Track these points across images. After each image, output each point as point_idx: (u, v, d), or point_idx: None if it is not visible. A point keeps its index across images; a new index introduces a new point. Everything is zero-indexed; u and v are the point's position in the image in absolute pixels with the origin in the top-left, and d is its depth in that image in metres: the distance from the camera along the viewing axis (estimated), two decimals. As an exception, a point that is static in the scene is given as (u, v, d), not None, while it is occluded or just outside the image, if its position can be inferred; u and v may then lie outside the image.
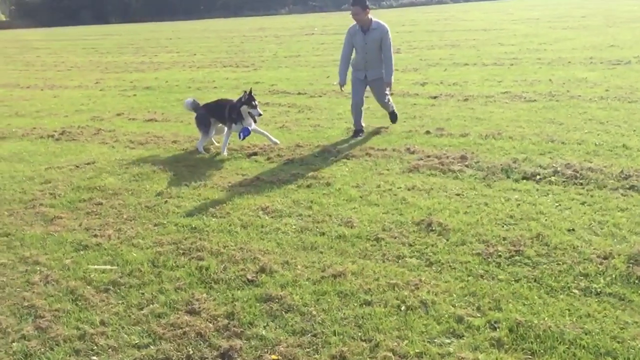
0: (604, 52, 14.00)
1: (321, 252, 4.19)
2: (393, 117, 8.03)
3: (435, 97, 9.86)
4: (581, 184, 5.26)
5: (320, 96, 10.80)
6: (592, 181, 5.28)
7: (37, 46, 30.52)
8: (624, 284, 3.51)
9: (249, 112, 6.92)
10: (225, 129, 7.17)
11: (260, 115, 7.01)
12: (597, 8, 32.59)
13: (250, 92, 6.93)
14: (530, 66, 12.70)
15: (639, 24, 20.92)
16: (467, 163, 6.06)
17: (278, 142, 7.18)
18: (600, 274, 3.64)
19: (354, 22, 7.19)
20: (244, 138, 7.04)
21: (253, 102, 6.89)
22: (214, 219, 4.90)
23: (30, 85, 14.79)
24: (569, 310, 3.27)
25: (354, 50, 7.35)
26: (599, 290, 3.47)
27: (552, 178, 5.43)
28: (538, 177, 5.50)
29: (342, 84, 7.45)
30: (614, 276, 3.60)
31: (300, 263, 4.03)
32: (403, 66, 13.54)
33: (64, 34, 41.85)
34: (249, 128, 7.00)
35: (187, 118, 9.26)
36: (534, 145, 6.55)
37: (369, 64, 7.27)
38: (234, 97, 7.48)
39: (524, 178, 5.51)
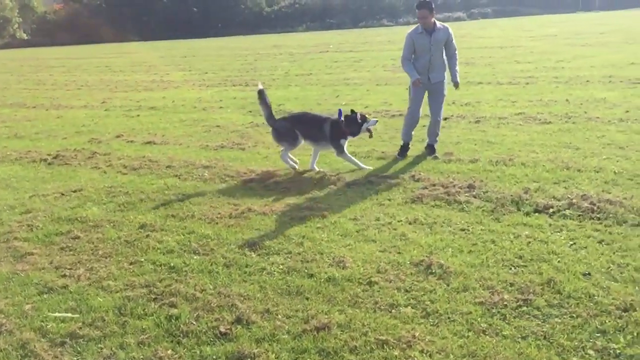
0: (624, 71, 13.48)
1: (307, 299, 3.78)
2: (431, 150, 7.27)
3: (445, 119, 9.39)
4: (598, 218, 4.80)
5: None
6: (611, 215, 4.81)
7: (53, 64, 30.70)
8: (647, 345, 3.05)
9: (367, 129, 6.85)
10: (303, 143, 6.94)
11: (376, 122, 7.00)
12: (616, 24, 31.99)
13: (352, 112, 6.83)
14: (546, 85, 12.22)
15: (660, 40, 20.33)
16: (474, 193, 5.62)
17: (367, 168, 6.79)
18: (619, 331, 3.18)
19: (417, 26, 7.11)
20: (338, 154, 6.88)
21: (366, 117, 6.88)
22: (195, 257, 4.52)
23: (36, 104, 14.65)
24: (583, 378, 2.82)
25: (415, 54, 7.10)
26: (618, 351, 3.02)
27: (567, 211, 4.97)
28: (551, 210, 5.04)
29: (418, 77, 6.94)
30: (635, 334, 3.14)
31: (282, 312, 3.62)
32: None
33: (81, 52, 42.20)
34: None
35: (186, 141, 8.98)
36: (548, 172, 6.10)
37: (432, 66, 7.04)
38: (239, 117, 7.14)
39: (535, 211, 5.06)
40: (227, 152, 8.05)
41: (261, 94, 6.98)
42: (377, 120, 7.06)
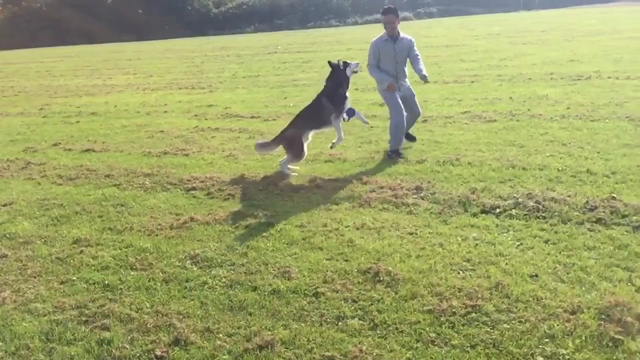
0: (564, 67, 13.81)
1: (250, 314, 3.60)
2: (412, 138, 7.73)
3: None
4: (544, 217, 4.80)
5: (275, 119, 10.23)
6: (556, 214, 4.82)
7: (-11, 70, 29.35)
8: (595, 349, 3.01)
9: (354, 71, 6.83)
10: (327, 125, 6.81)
11: (357, 64, 6.93)
12: (556, 23, 33.00)
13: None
14: (490, 83, 12.39)
15: (597, 38, 21.01)
16: (422, 194, 5.56)
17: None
18: (568, 335, 3.13)
19: (381, 34, 7.15)
20: (349, 119, 6.82)
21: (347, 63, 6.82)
22: (132, 273, 4.27)
23: (-31, 113, 13.89)
24: (533, 386, 2.75)
25: (380, 63, 7.16)
26: (567, 357, 2.97)
27: (513, 211, 4.96)
28: (498, 210, 5.02)
29: (391, 80, 7.06)
30: (584, 337, 3.10)
31: (223, 329, 3.43)
32: (363, 85, 13.09)
33: (20, 57, 40.52)
34: (354, 109, 6.83)
35: (127, 148, 8.63)
36: (494, 171, 6.10)
37: (399, 74, 7.16)
38: (184, 121, 6.86)
39: (482, 212, 5.02)
40: (171, 159, 7.76)
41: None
42: (358, 63, 7.02)
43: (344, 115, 6.77)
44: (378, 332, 3.32)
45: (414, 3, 60.94)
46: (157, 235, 5.01)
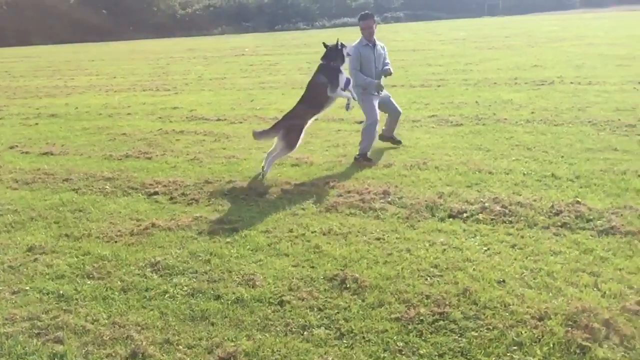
0: (528, 72, 14.01)
1: (212, 324, 3.47)
2: (396, 140, 7.71)
3: (361, 122, 9.32)
4: (510, 221, 4.79)
5: (241, 122, 10.09)
6: (522, 218, 4.82)
7: (-56, 69, 28.33)
8: (563, 356, 2.98)
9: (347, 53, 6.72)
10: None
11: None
12: (519, 28, 33.58)
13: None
14: (457, 87, 12.47)
15: (559, 44, 21.43)
16: (389, 199, 5.50)
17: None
18: (535, 342, 3.09)
19: (358, 41, 7.11)
20: (345, 88, 6.68)
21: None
22: (89, 282, 4.09)
23: None
24: (501, 396, 2.70)
25: (360, 68, 7.09)
26: (535, 364, 2.92)
27: (480, 216, 4.94)
28: (465, 214, 4.99)
29: (378, 82, 7.10)
30: (551, 345, 3.06)
31: (183, 341, 3.29)
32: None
33: (-22, 56, 39.30)
34: (349, 78, 6.76)
35: (88, 151, 8.37)
36: (461, 175, 6.09)
37: (378, 78, 7.18)
38: (148, 123, 6.65)
39: (450, 216, 4.99)
40: (133, 162, 7.55)
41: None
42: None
43: (348, 101, 6.77)
44: (344, 341, 3.23)
45: (381, 7, 61.27)
46: (116, 242, 4.83)
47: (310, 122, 6.68)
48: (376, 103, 7.17)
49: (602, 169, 6.00)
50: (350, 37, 7.05)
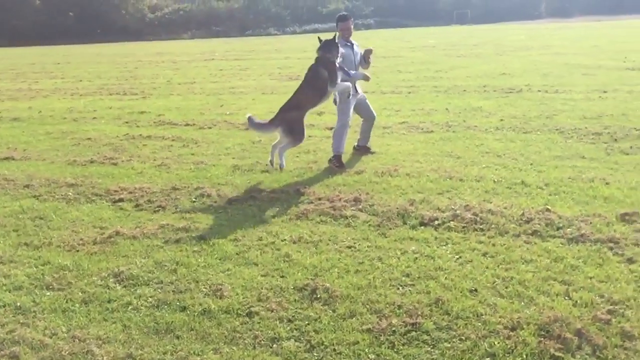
0: (497, 80, 14.18)
1: (177, 337, 3.34)
2: (367, 149, 7.64)
3: (331, 128, 9.26)
4: (482, 229, 4.76)
5: (210, 127, 9.93)
6: (493, 226, 4.80)
7: None
8: (536, 367, 2.93)
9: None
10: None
11: None
12: (487, 37, 34.13)
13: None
14: (427, 94, 12.54)
15: (526, 53, 21.80)
16: (360, 206, 5.43)
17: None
18: (509, 353, 3.05)
19: (339, 40, 6.94)
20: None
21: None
22: (48, 293, 3.91)
23: None
24: (475, 410, 2.64)
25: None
26: (508, 376, 2.88)
27: (451, 223, 4.90)
28: (436, 222, 4.95)
29: (365, 74, 7.10)
30: (524, 355, 3.02)
31: (147, 356, 3.15)
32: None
33: (-63, 57, 38.12)
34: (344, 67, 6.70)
35: (51, 156, 8.11)
36: (432, 183, 6.06)
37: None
38: (114, 128, 6.45)
39: (421, 224, 4.94)
40: (97, 168, 7.33)
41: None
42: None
43: (339, 95, 6.71)
44: (315, 354, 3.14)
45: (352, 14, 61.72)
46: (78, 251, 4.65)
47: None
48: (352, 106, 7.11)
49: (571, 176, 6.05)
50: (315, 43, 6.94)
